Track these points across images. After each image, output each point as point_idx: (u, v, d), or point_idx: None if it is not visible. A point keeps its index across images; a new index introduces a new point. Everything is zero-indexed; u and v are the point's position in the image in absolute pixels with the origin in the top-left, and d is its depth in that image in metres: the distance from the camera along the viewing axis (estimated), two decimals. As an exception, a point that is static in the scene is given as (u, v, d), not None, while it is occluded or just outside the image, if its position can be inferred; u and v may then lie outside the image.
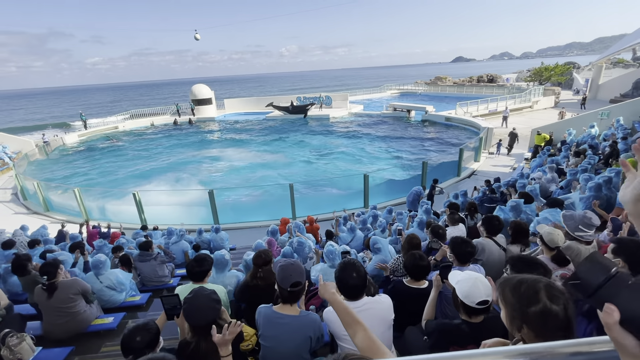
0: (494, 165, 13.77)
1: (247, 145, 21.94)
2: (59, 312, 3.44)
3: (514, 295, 1.13)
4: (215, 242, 7.17)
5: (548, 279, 1.14)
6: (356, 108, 31.67)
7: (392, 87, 49.66)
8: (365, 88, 51.41)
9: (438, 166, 13.15)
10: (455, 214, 4.63)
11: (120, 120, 30.71)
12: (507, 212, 4.62)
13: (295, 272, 1.97)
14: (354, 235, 5.71)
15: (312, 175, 15.42)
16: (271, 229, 5.65)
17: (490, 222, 3.68)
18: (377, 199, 10.83)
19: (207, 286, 2.75)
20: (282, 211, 10.19)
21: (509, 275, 1.22)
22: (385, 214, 7.09)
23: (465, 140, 18.38)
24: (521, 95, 25.72)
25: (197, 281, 2.77)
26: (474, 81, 42.89)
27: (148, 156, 20.41)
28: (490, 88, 36.01)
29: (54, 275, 3.41)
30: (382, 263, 3.94)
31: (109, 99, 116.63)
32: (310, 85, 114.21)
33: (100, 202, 11.52)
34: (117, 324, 3.71)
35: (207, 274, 2.80)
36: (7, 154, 18.78)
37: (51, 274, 3.40)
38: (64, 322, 3.46)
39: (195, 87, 32.46)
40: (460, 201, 7.10)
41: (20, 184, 13.01)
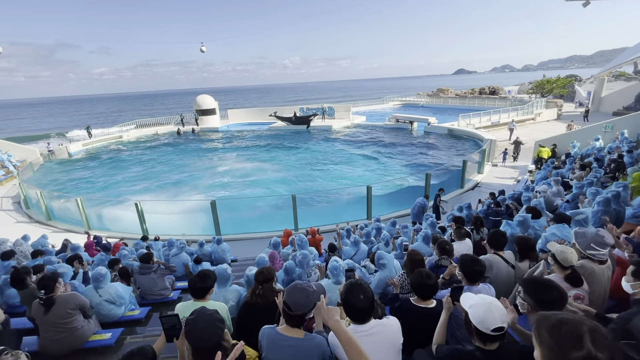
0: (497, 177, 13.68)
1: (249, 155, 22.00)
2: (56, 328, 3.35)
3: (552, 336, 1.04)
4: (217, 253, 7.08)
5: (592, 322, 1.04)
6: (359, 119, 31.84)
7: (394, 99, 50.01)
8: (367, 99, 51.79)
9: (441, 178, 13.08)
10: (461, 228, 4.55)
11: (124, 130, 30.97)
12: (515, 227, 4.53)
13: (314, 297, 1.87)
14: (357, 249, 5.62)
15: (315, 186, 15.37)
16: (273, 241, 5.57)
17: (496, 237, 3.60)
18: (380, 210, 10.74)
19: (208, 304, 2.69)
20: (284, 222, 10.12)
21: (546, 313, 1.13)
22: (388, 227, 7.00)
23: (468, 152, 18.34)
24: (523, 108, 25.79)
25: (199, 298, 2.70)
26: (476, 93, 43.11)
27: (151, 166, 20.48)
28: (492, 100, 36.16)
29: (52, 289, 3.34)
30: (389, 279, 3.86)
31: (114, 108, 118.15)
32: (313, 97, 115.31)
33: (102, 211, 11.49)
34: (115, 340, 3.61)
35: (210, 291, 2.73)
36: (12, 163, 18.90)
37: (49, 287, 3.33)
38: (61, 338, 3.37)
39: (199, 98, 32.83)
40: (465, 214, 7.00)
41: (24, 193, 13.03)
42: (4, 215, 12.60)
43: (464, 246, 4.34)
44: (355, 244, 5.64)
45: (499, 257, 3.55)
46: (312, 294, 1.86)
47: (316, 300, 1.84)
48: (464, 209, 7.07)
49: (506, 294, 3.29)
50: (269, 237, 9.28)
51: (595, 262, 2.64)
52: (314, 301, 1.85)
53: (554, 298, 1.72)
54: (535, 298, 1.74)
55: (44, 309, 3.30)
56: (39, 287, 3.33)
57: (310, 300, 1.85)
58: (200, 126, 31.87)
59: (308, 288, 1.88)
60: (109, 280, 4.19)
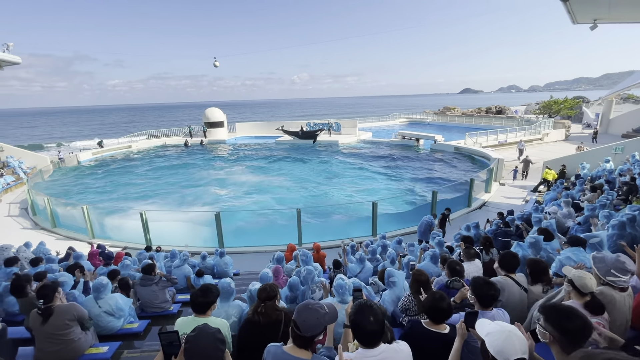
0: (505, 196, 13.49)
1: (255, 168, 22.08)
2: (52, 339, 3.25)
3: None
4: (219, 266, 6.99)
5: None
6: (365, 135, 31.98)
7: (400, 116, 50.34)
8: (374, 116, 52.22)
9: (448, 195, 12.93)
10: (470, 248, 4.42)
11: (133, 140, 31.46)
12: (526, 248, 4.39)
13: (325, 320, 1.78)
14: (363, 266, 5.48)
15: (320, 201, 15.29)
16: (277, 256, 5.47)
17: (508, 259, 3.48)
18: (385, 227, 10.59)
19: (210, 320, 2.59)
20: (288, 236, 10.00)
21: (592, 352, 1.04)
22: (394, 244, 6.85)
23: (475, 170, 18.20)
24: (531, 128, 25.72)
25: (200, 313, 2.60)
26: (483, 112, 43.24)
27: (158, 176, 20.62)
28: (499, 119, 36.19)
29: (51, 299, 3.27)
30: (396, 299, 3.74)
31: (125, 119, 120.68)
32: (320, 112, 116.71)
33: (107, 220, 11.50)
34: (112, 354, 3.50)
35: (211, 307, 2.64)
36: (23, 169, 19.19)
37: (48, 297, 3.25)
38: (57, 350, 3.26)
39: (208, 110, 33.40)
40: (473, 233, 6.86)
41: (31, 199, 13.14)
42: (11, 221, 12.69)
43: (474, 267, 4.21)
44: (361, 261, 5.51)
45: (510, 280, 3.41)
46: (323, 317, 1.77)
47: (327, 323, 1.76)
48: (472, 228, 6.93)
49: (519, 318, 3.15)
50: (272, 251, 9.16)
51: (615, 290, 2.51)
52: (324, 324, 1.76)
53: (578, 327, 1.61)
54: (558, 327, 1.63)
55: (41, 319, 3.22)
56: (38, 296, 3.27)
57: (321, 322, 1.76)
58: (208, 138, 32.26)
59: (320, 309, 1.79)
60: (109, 291, 4.11)
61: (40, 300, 3.26)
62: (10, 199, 15.52)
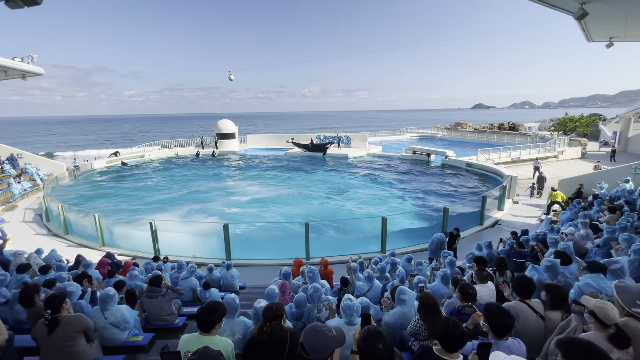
0: (519, 215, 13.15)
1: (265, 180, 22.20)
2: (57, 351, 3.24)
3: None
4: (226, 279, 6.94)
5: None
6: (375, 149, 31.95)
7: (411, 130, 50.26)
8: (384, 130, 52.28)
9: (459, 213, 12.68)
10: (483, 270, 4.27)
11: (146, 150, 32.16)
12: (542, 272, 4.22)
13: (333, 344, 1.73)
14: (371, 285, 5.34)
15: (328, 215, 15.18)
16: (284, 271, 5.39)
17: (524, 284, 3.34)
18: (395, 244, 10.41)
19: (214, 339, 2.54)
20: (295, 250, 9.92)
21: None
22: (403, 262, 6.70)
23: (487, 187, 17.88)
24: (545, 145, 25.28)
25: (205, 331, 2.56)
26: (495, 128, 42.79)
27: (169, 186, 20.91)
28: (512, 136, 35.73)
29: (58, 309, 3.27)
30: (402, 316, 3.62)
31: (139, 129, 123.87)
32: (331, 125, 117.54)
33: (117, 228, 11.64)
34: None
35: (216, 326, 2.58)
36: (40, 176, 19.75)
37: (55, 308, 3.26)
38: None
39: (220, 122, 34.03)
40: (485, 253, 6.66)
41: (46, 205, 13.44)
42: (25, 227, 12.97)
43: (487, 291, 4.05)
44: (369, 279, 5.37)
45: (525, 306, 3.27)
46: (331, 340, 1.72)
47: (335, 347, 1.70)
48: (484, 247, 6.73)
49: (535, 346, 3.00)
50: (279, 264, 9.08)
51: (640, 322, 2.36)
52: (332, 347, 1.70)
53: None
54: (579, 365, 1.53)
55: (47, 329, 3.21)
56: (46, 306, 3.27)
57: (329, 346, 1.70)
58: (219, 149, 32.75)
59: (328, 333, 1.74)
60: (116, 302, 4.10)
61: (48, 311, 3.27)
62: (27, 204, 15.92)
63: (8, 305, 4.71)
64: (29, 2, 5.88)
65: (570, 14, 7.39)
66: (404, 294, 3.60)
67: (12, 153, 20.42)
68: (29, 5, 5.94)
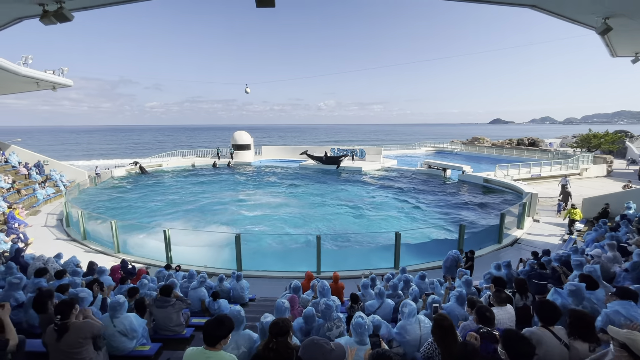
0: (540, 234, 12.61)
1: (278, 191, 22.29)
2: (65, 357, 3.24)
3: None
4: (236, 291, 6.89)
5: None
6: (389, 162, 31.70)
7: (427, 145, 49.74)
8: (399, 143, 51.96)
9: (476, 231, 12.29)
10: (501, 292, 4.06)
11: (164, 159, 33.03)
12: (566, 296, 3.97)
13: (330, 357, 1.64)
14: (382, 302, 5.16)
15: (341, 228, 15.02)
16: (294, 285, 5.29)
17: (548, 310, 3.13)
18: (408, 260, 10.14)
19: (219, 355, 2.47)
20: (307, 263, 9.80)
21: None
22: (417, 280, 6.46)
23: (505, 204, 17.33)
24: (568, 162, 24.43)
25: (210, 346, 2.49)
26: (514, 144, 41.80)
27: (184, 195, 21.28)
28: (532, 152, 34.77)
29: (67, 315, 3.29)
30: (404, 330, 3.51)
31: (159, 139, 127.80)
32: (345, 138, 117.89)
33: (132, 235, 11.85)
34: (121, 377, 3.42)
35: (222, 341, 2.51)
36: (63, 182, 20.51)
37: (65, 313, 3.28)
38: (67, 369, 3.24)
39: (236, 133, 34.74)
40: (504, 273, 6.36)
41: (67, 211, 13.88)
42: (46, 231, 13.39)
43: (506, 314, 3.83)
44: (380, 296, 5.19)
45: (549, 333, 3.06)
46: (328, 353, 1.64)
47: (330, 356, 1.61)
48: (503, 267, 6.44)
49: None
50: (290, 277, 8.98)
51: (678, 357, 2.15)
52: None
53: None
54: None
55: (56, 335, 3.23)
56: (56, 312, 3.30)
57: (326, 359, 1.62)
58: (235, 160, 33.29)
59: (325, 345, 1.66)
60: (125, 310, 4.10)
61: (58, 316, 3.30)
62: (49, 209, 16.50)
63: (23, 309, 4.81)
64: (61, 19, 6.23)
65: (593, 29, 7.22)
66: (405, 306, 3.65)
67: (39, 160, 21.37)
68: (61, 22, 6.30)
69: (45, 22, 6.21)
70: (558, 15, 6.95)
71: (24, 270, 7.05)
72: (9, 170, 18.78)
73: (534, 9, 6.67)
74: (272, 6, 5.69)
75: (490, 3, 6.54)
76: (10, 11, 6.54)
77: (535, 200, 15.01)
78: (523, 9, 7.01)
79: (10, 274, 5.68)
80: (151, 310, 4.73)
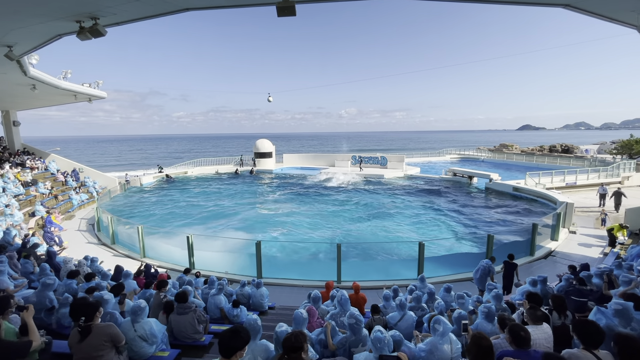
0: (577, 246, 11.76)
1: (298, 199, 22.32)
2: (87, 358, 3.29)
3: None
4: (255, 298, 6.87)
5: None
6: (412, 170, 31.05)
7: (452, 152, 48.43)
8: (423, 150, 50.92)
9: (506, 242, 11.66)
10: (537, 309, 3.74)
11: (189, 167, 34.12)
12: (611, 317, 3.60)
13: None
14: (403, 314, 4.91)
15: (362, 237, 14.74)
16: (314, 295, 5.16)
17: (590, 332, 2.83)
18: (432, 271, 9.73)
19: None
20: (327, 272, 9.65)
21: None
22: (442, 293, 6.15)
23: (537, 214, 16.41)
24: (607, 169, 22.87)
25: (226, 357, 2.40)
26: (546, 150, 39.89)
27: (206, 202, 21.76)
28: (565, 159, 32.97)
29: (91, 317, 3.35)
30: (435, 348, 3.28)
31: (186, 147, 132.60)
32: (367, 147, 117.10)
33: (157, 240, 12.18)
34: (140, 383, 3.43)
35: (237, 353, 2.41)
36: (96, 189, 21.61)
37: (89, 316, 3.34)
38: (90, 372, 3.28)
39: (259, 142, 35.38)
40: (539, 289, 5.93)
41: (98, 216, 14.53)
42: (79, 235, 14.07)
43: (542, 333, 3.52)
44: (401, 307, 4.94)
45: (592, 357, 2.76)
46: None
47: None
48: (538, 282, 6.00)
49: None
50: (309, 286, 8.86)
51: None
52: None
53: None
54: None
55: (79, 336, 3.28)
56: (81, 314, 3.36)
57: None
58: (256, 167, 33.86)
59: None
60: (146, 315, 4.14)
61: (82, 318, 3.36)
62: (82, 214, 17.37)
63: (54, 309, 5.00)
64: (96, 34, 6.59)
65: (634, 27, 6.75)
66: (438, 323, 3.37)
67: (74, 168, 22.66)
68: (96, 37, 6.66)
69: (81, 37, 6.60)
70: (594, 14, 6.54)
71: (56, 272, 7.39)
72: (48, 177, 20.02)
73: (567, 9, 6.31)
74: (292, 15, 5.75)
75: (521, 4, 6.26)
76: (51, 29, 7.00)
77: (571, 210, 14.08)
78: (556, 9, 6.67)
79: (44, 275, 5.96)
80: (171, 317, 4.76)
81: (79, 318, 3.28)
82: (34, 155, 22.05)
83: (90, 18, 6.28)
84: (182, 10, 6.34)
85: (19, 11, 6.02)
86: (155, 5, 6.07)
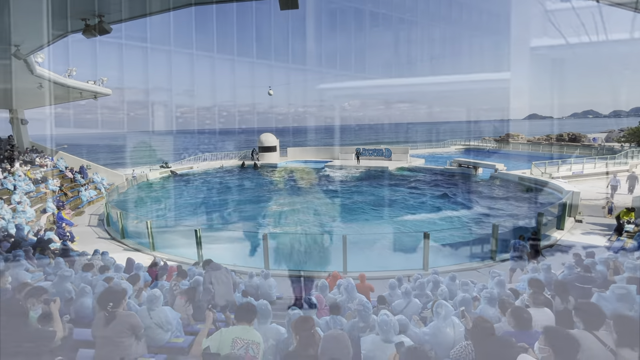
0: (583, 235, 11.78)
1: (303, 192, 22.48)
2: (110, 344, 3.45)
3: None
4: (263, 288, 7.05)
5: None
6: (417, 162, 30.99)
7: (456, 143, 48.11)
8: (427, 142, 50.66)
9: (511, 230, 11.70)
10: (539, 293, 3.84)
11: (194, 162, 34.42)
12: (613, 301, 3.69)
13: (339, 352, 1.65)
14: (409, 301, 5.05)
15: (367, 228, 14.88)
16: (321, 284, 5.31)
17: (587, 311, 2.92)
18: (438, 261, 9.85)
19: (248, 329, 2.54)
20: (332, 263, 9.79)
21: None
22: (447, 281, 6.28)
23: (543, 203, 16.37)
24: (614, 157, 22.63)
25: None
26: (553, 140, 39.41)
27: (212, 195, 22.04)
28: (572, 148, 32.63)
29: (118, 304, 3.51)
30: (438, 331, 3.40)
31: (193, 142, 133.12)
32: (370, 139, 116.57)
33: (166, 234, 12.43)
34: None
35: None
36: (104, 185, 21.94)
37: (117, 302, 3.50)
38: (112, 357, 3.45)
39: (263, 136, 35.51)
40: (543, 277, 6.01)
41: (107, 212, 14.83)
42: (89, 230, 14.39)
43: (544, 315, 3.62)
44: (406, 295, 5.07)
45: (592, 337, 2.86)
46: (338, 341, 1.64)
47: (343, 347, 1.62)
48: (542, 270, 6.09)
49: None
50: (316, 277, 9.01)
51: None
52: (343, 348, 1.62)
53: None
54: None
55: (105, 321, 3.46)
56: (109, 299, 3.51)
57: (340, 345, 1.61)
58: (261, 161, 34.04)
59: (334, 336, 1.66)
60: (161, 304, 4.32)
61: (110, 303, 3.53)
62: (92, 210, 17.70)
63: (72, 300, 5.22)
64: (101, 31, 6.69)
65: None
66: (440, 307, 3.48)
67: (82, 165, 23.00)
68: (101, 34, 6.76)
69: (87, 35, 6.71)
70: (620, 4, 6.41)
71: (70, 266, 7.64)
72: (57, 174, 20.36)
73: None
74: (295, 8, 5.79)
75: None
76: (57, 27, 7.12)
77: (578, 199, 14.04)
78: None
79: (60, 269, 6.20)
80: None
81: (107, 304, 3.46)
82: (43, 153, 22.40)
83: (96, 16, 6.38)
84: (186, 5, 6.40)
85: (26, 10, 6.15)
86: (160, 1, 6.15)
